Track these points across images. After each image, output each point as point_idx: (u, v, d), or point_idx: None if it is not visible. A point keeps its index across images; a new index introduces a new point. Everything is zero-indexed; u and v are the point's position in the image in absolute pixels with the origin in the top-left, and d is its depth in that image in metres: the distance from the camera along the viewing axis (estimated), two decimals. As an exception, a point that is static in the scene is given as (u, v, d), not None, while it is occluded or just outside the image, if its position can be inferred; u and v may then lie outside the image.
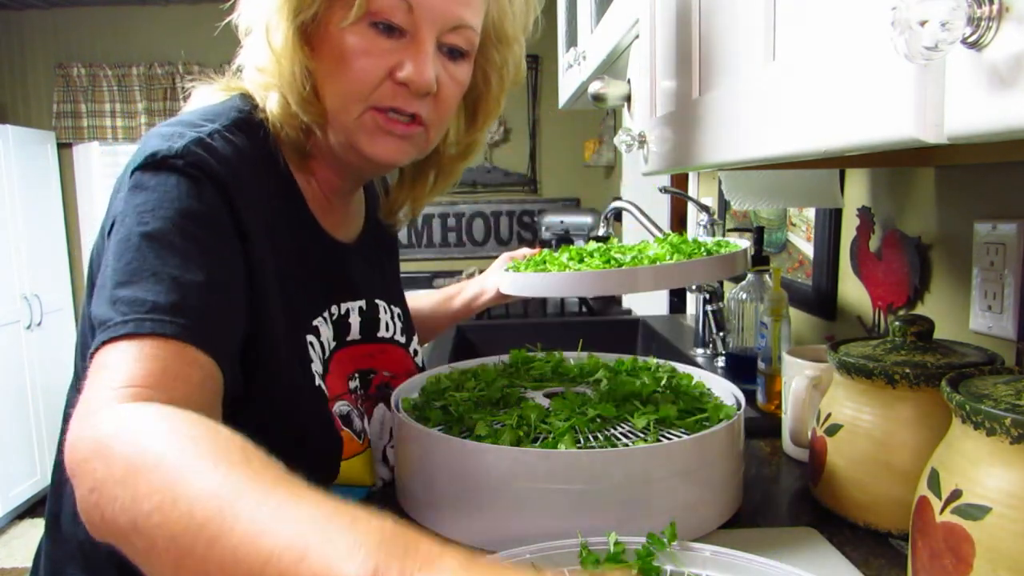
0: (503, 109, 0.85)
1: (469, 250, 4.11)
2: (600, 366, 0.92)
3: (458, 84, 0.73)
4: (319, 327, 0.74)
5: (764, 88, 0.53)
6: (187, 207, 0.59)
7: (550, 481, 0.63)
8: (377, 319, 0.84)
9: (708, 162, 0.67)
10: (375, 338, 0.83)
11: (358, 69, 0.66)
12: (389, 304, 0.88)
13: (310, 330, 0.73)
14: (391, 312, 0.88)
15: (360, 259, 0.83)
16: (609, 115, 3.43)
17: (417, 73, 0.66)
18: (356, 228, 0.85)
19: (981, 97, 0.29)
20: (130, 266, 0.55)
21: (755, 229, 1.27)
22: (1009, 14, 0.27)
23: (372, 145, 0.70)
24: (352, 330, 0.79)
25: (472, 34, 0.71)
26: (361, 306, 0.81)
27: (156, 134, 0.63)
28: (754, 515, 0.75)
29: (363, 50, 0.66)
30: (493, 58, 0.78)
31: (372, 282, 0.85)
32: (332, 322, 0.77)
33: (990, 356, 0.68)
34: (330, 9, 0.66)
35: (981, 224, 0.81)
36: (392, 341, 0.86)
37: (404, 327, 0.90)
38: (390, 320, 0.87)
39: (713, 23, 0.66)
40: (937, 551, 0.49)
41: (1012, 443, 0.46)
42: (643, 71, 0.93)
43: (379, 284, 0.87)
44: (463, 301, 1.16)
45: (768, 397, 1.04)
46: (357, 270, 0.82)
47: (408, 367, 0.88)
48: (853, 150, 0.42)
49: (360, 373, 0.80)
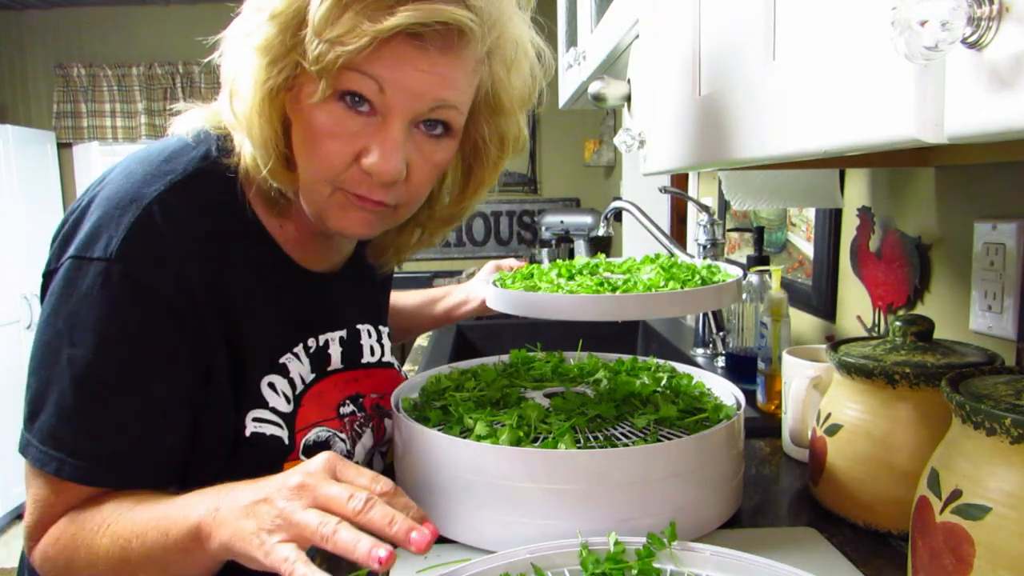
0: None
1: (469, 250, 4.11)
2: (600, 366, 0.92)
3: (434, 166, 0.68)
4: (287, 364, 0.73)
5: (764, 88, 0.53)
6: (118, 331, 0.61)
7: (550, 481, 0.63)
8: (359, 345, 0.83)
9: (708, 162, 0.67)
10: (359, 364, 0.82)
11: (324, 151, 0.63)
12: (376, 326, 0.87)
13: (275, 370, 0.72)
14: (377, 334, 0.86)
15: (342, 287, 0.81)
16: (609, 115, 3.43)
17: (382, 163, 0.62)
18: (341, 256, 0.82)
19: (981, 97, 0.29)
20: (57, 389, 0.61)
21: (755, 229, 1.27)
22: (1009, 14, 0.27)
23: (339, 220, 0.67)
24: (333, 360, 0.79)
25: (455, 113, 0.66)
26: (342, 336, 0.80)
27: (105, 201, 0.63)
28: (754, 515, 0.75)
29: (329, 131, 0.62)
30: (484, 131, 0.74)
31: (355, 308, 0.84)
32: (309, 355, 0.75)
33: (990, 356, 0.68)
34: (300, 77, 0.62)
35: (981, 224, 0.81)
36: (380, 364, 0.85)
37: (392, 347, 0.89)
38: (375, 344, 0.85)
39: (713, 23, 0.66)
40: (937, 551, 0.49)
41: (1012, 443, 0.46)
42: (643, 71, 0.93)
43: (364, 309, 0.86)
44: (445, 307, 1.14)
45: (768, 397, 1.04)
46: (337, 299, 0.80)
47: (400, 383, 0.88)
48: (853, 150, 0.42)
49: (351, 399, 0.79)
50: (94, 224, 0.63)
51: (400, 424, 0.74)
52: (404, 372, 0.90)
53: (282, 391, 0.72)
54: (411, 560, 0.65)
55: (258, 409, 0.70)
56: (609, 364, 0.93)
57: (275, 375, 0.72)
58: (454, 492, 0.67)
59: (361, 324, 0.84)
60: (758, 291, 1.20)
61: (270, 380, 0.71)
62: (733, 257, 1.73)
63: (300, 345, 0.75)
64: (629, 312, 0.72)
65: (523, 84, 0.73)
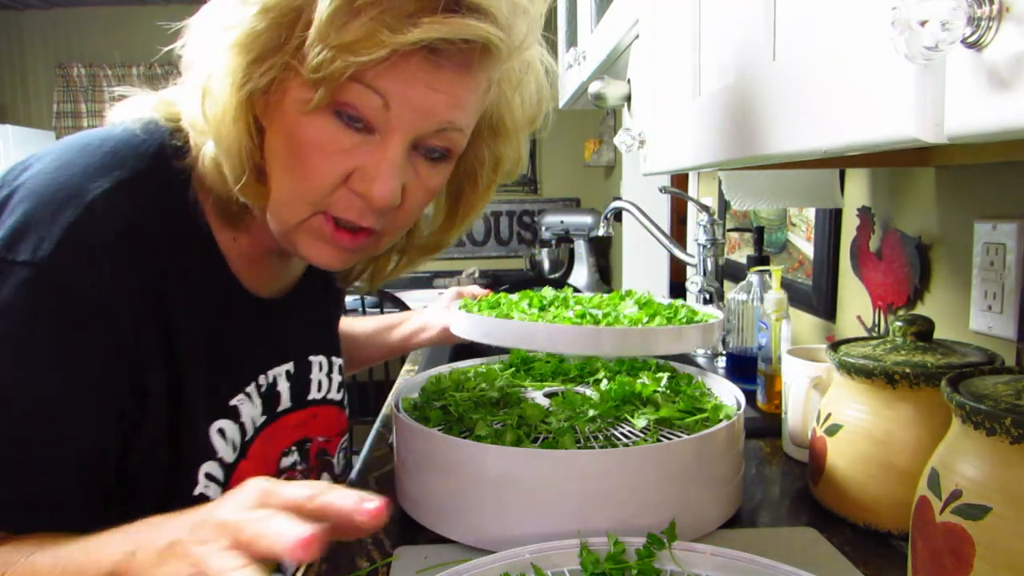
0: None
1: (469, 250, 4.11)
2: (600, 366, 0.92)
3: (429, 191, 0.62)
4: (239, 407, 0.65)
5: (764, 88, 0.53)
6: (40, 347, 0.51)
7: (550, 481, 0.63)
8: (308, 379, 0.74)
9: (708, 162, 0.67)
10: (305, 402, 0.74)
11: (311, 168, 0.55)
12: (328, 357, 0.78)
13: (225, 414, 0.63)
14: (328, 366, 0.78)
15: (290, 315, 0.73)
16: (609, 115, 3.43)
17: (379, 187, 0.56)
18: (290, 280, 0.73)
19: (981, 97, 0.30)
20: None
21: (755, 229, 1.27)
22: (1009, 14, 0.27)
23: (310, 248, 0.60)
24: (282, 399, 0.70)
25: (459, 136, 0.60)
26: (288, 369, 0.71)
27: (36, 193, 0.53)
28: (754, 515, 0.75)
29: (319, 145, 0.55)
30: (483, 155, 0.68)
31: (305, 337, 0.75)
32: (261, 394, 0.67)
33: (990, 356, 0.68)
34: (287, 81, 0.54)
35: (981, 224, 0.81)
36: (325, 401, 0.77)
37: (341, 381, 0.80)
38: (324, 377, 0.77)
39: (713, 23, 0.66)
40: (937, 551, 0.49)
41: (1012, 443, 0.46)
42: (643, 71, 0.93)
43: (316, 337, 0.77)
44: (402, 335, 1.06)
45: (768, 397, 1.04)
46: (285, 328, 0.71)
47: (342, 427, 0.80)
48: (853, 150, 0.42)
49: (297, 445, 0.72)
50: (20, 220, 0.52)
51: (400, 424, 0.74)
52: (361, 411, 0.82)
53: (231, 439, 0.63)
54: (411, 560, 0.65)
55: (210, 462, 0.61)
56: (609, 364, 0.93)
57: (225, 420, 0.63)
58: (454, 492, 0.67)
59: (313, 355, 0.75)
60: (758, 291, 1.20)
61: (220, 426, 0.62)
62: (733, 257, 1.73)
63: (252, 384, 0.66)
64: (606, 347, 0.69)
65: (529, 105, 0.68)
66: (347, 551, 0.68)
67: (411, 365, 1.51)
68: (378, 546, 0.69)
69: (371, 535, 0.71)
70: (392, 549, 0.68)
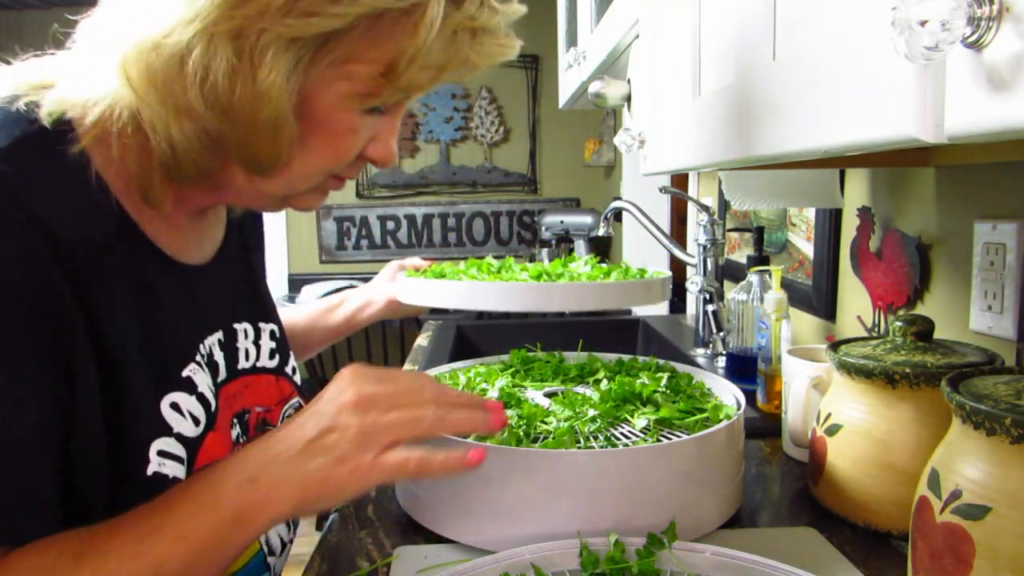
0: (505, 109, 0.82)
1: (469, 250, 4.11)
2: (600, 366, 0.92)
3: None
4: (193, 377, 0.61)
5: (764, 88, 0.53)
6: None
7: (550, 481, 0.63)
8: (235, 348, 0.71)
9: (709, 162, 0.67)
10: (236, 372, 0.70)
11: (344, 148, 0.58)
12: (255, 323, 0.75)
13: (177, 386, 0.59)
14: (255, 333, 0.75)
15: (216, 281, 0.70)
16: (609, 115, 3.43)
17: (390, 155, 0.61)
18: (213, 243, 0.71)
19: (981, 97, 0.30)
20: None
21: (755, 229, 1.27)
22: (1009, 14, 0.27)
23: (306, 201, 0.63)
24: (220, 369, 0.67)
25: None
26: (219, 338, 0.68)
27: None
28: (754, 515, 0.75)
29: (352, 129, 0.58)
30: None
31: (229, 304, 0.72)
32: (207, 364, 0.64)
33: (990, 356, 0.68)
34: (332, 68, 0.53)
35: (981, 224, 0.81)
36: (255, 370, 0.73)
37: (275, 348, 0.77)
38: (251, 345, 0.73)
39: (713, 23, 0.66)
40: (937, 551, 0.49)
41: (1012, 443, 0.46)
42: (643, 71, 0.93)
43: (239, 304, 0.74)
44: (345, 315, 1.04)
45: (768, 397, 1.04)
46: (212, 296, 0.68)
47: (284, 393, 0.76)
48: (853, 150, 0.42)
49: (237, 417, 0.68)
50: None
51: (400, 424, 0.74)
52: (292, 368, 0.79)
53: (189, 412, 0.59)
54: (411, 560, 0.65)
55: (163, 438, 0.56)
56: (609, 364, 0.93)
57: (179, 392, 0.59)
58: (454, 492, 0.67)
59: (237, 323, 0.72)
60: (758, 291, 1.20)
61: (172, 400, 0.58)
62: (733, 257, 1.74)
63: (198, 354, 0.63)
64: (555, 302, 0.72)
65: None
66: (347, 551, 0.68)
67: (411, 365, 1.51)
68: (378, 546, 0.69)
69: (371, 535, 0.71)
70: (392, 549, 0.68)
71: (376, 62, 0.53)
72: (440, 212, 4.09)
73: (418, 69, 0.53)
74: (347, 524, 0.74)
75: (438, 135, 3.98)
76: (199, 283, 0.66)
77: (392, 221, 4.07)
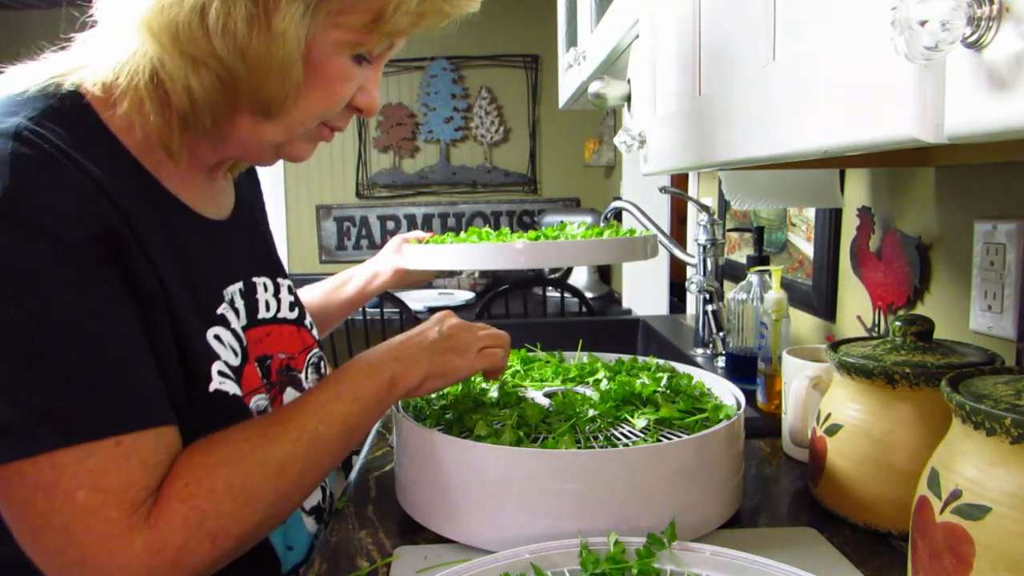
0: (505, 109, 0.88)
1: (469, 250, 4.11)
2: (600, 366, 0.92)
3: None
4: (226, 315, 0.68)
5: (764, 88, 0.53)
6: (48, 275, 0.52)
7: (550, 481, 0.63)
8: (255, 300, 0.77)
9: (708, 162, 0.67)
10: (257, 321, 0.76)
11: (337, 94, 0.64)
12: (273, 278, 0.81)
13: (216, 321, 0.67)
14: (274, 287, 0.80)
15: (235, 236, 0.76)
16: (609, 115, 3.43)
17: (374, 102, 0.68)
18: (228, 202, 0.77)
19: (981, 97, 0.30)
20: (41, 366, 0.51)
21: (755, 229, 1.27)
22: (1009, 14, 0.27)
23: (299, 150, 0.68)
24: (241, 316, 0.73)
25: None
26: (240, 288, 0.74)
27: None
28: (754, 515, 0.75)
29: (344, 76, 0.63)
30: None
31: (248, 258, 0.78)
32: (233, 308, 0.71)
33: (990, 356, 0.68)
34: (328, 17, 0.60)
35: (981, 224, 0.81)
36: (276, 320, 0.79)
37: (294, 301, 0.83)
38: (270, 298, 0.79)
39: (713, 23, 0.66)
40: (937, 551, 0.49)
41: (1012, 443, 0.46)
42: (643, 71, 0.93)
43: (257, 261, 0.80)
44: (356, 288, 1.09)
45: (768, 397, 1.04)
46: (232, 249, 0.75)
47: (307, 343, 0.82)
48: (853, 150, 0.42)
49: (258, 361, 0.73)
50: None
51: (400, 424, 0.74)
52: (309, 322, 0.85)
53: (228, 344, 0.67)
54: (411, 560, 0.65)
55: (217, 362, 0.65)
56: (609, 364, 0.93)
57: (217, 326, 0.67)
58: (454, 492, 0.67)
59: (256, 277, 0.78)
60: (758, 291, 1.20)
61: (215, 332, 0.66)
62: (733, 257, 1.74)
63: (225, 298, 0.70)
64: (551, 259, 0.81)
65: None
66: (347, 551, 0.68)
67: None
68: (378, 546, 0.69)
69: (371, 535, 0.71)
70: (392, 549, 0.68)
71: (366, 11, 0.60)
72: (440, 212, 4.09)
73: (401, 15, 0.60)
74: (347, 524, 0.74)
75: (438, 135, 3.98)
76: (220, 236, 0.74)
77: (392, 221, 4.07)
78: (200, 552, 0.54)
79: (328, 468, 0.64)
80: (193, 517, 0.54)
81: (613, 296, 3.09)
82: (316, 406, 0.63)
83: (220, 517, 0.55)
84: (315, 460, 0.62)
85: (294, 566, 0.74)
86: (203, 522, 0.54)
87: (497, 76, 3.93)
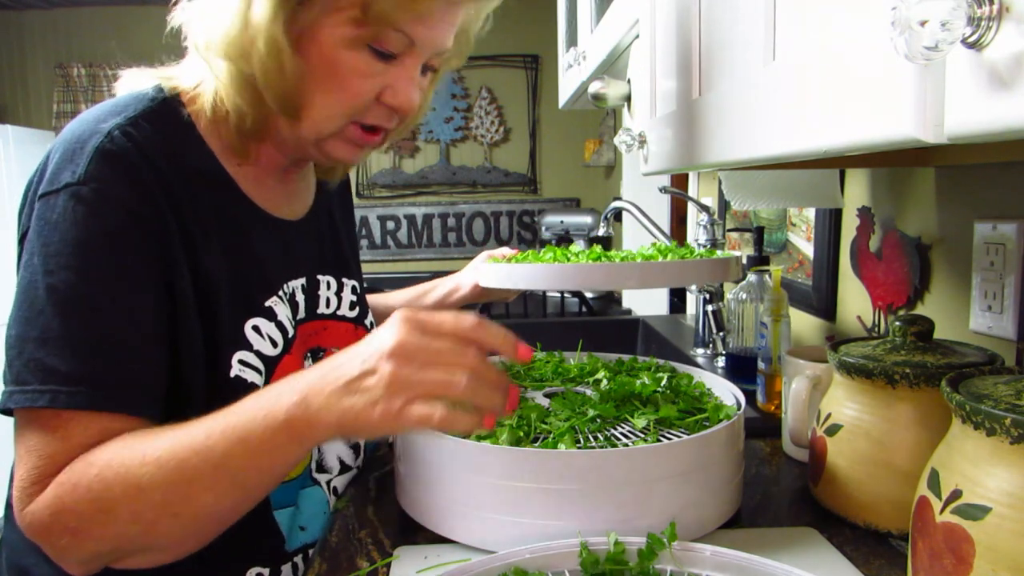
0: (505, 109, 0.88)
1: (469, 250, 4.11)
2: (600, 366, 0.92)
3: (425, 96, 0.77)
4: (274, 308, 0.73)
5: (764, 88, 0.53)
6: (93, 247, 0.60)
7: (550, 481, 0.63)
8: (317, 295, 0.82)
9: (708, 162, 0.67)
10: (315, 315, 0.81)
11: (353, 89, 0.67)
12: (339, 277, 0.86)
13: (260, 313, 0.71)
14: (337, 285, 0.85)
15: (304, 235, 0.82)
16: (609, 115, 3.43)
17: (407, 100, 0.69)
18: (304, 204, 0.83)
19: (981, 97, 0.30)
20: (39, 321, 0.59)
21: (755, 229, 1.27)
22: (1009, 14, 0.27)
23: (339, 150, 0.72)
24: (300, 308, 0.78)
25: (447, 54, 0.74)
26: (303, 283, 0.79)
27: (62, 144, 0.64)
28: (754, 515, 0.75)
29: (359, 71, 0.66)
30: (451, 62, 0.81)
31: (315, 257, 0.83)
32: (287, 301, 0.76)
33: (990, 356, 0.68)
34: (324, 12, 0.64)
35: (981, 224, 0.81)
36: (334, 317, 0.84)
37: (355, 301, 0.87)
38: (332, 295, 0.84)
39: (713, 23, 0.66)
40: (937, 551, 0.49)
41: (1012, 443, 0.46)
42: (643, 71, 0.93)
43: (325, 258, 0.85)
44: (437, 297, 1.12)
45: (768, 397, 1.04)
46: (299, 247, 0.80)
47: None
48: (853, 150, 0.42)
49: (311, 352, 0.78)
50: (57, 162, 0.62)
51: (400, 424, 0.74)
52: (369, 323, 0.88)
53: (268, 335, 0.71)
54: (411, 560, 0.65)
55: (244, 351, 0.69)
56: (609, 364, 0.93)
57: (260, 318, 0.71)
58: (454, 492, 0.67)
59: (321, 275, 0.83)
60: (758, 291, 1.20)
61: (254, 323, 0.70)
62: (733, 257, 1.73)
63: (280, 289, 0.75)
64: (628, 281, 0.77)
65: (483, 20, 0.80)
66: (347, 551, 0.68)
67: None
68: (378, 546, 0.69)
69: (371, 535, 0.71)
70: (392, 549, 0.68)
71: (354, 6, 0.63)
72: (440, 212, 4.09)
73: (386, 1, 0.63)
74: (347, 524, 0.74)
75: (438, 135, 3.98)
76: (290, 235, 0.79)
77: (392, 221, 4.07)
78: (62, 540, 0.57)
79: (215, 508, 0.57)
80: (55, 506, 0.56)
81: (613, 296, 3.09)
82: (203, 435, 0.56)
83: (79, 516, 0.56)
84: (182, 493, 0.55)
85: (303, 545, 0.76)
86: (62, 514, 0.56)
87: (497, 76, 3.93)
